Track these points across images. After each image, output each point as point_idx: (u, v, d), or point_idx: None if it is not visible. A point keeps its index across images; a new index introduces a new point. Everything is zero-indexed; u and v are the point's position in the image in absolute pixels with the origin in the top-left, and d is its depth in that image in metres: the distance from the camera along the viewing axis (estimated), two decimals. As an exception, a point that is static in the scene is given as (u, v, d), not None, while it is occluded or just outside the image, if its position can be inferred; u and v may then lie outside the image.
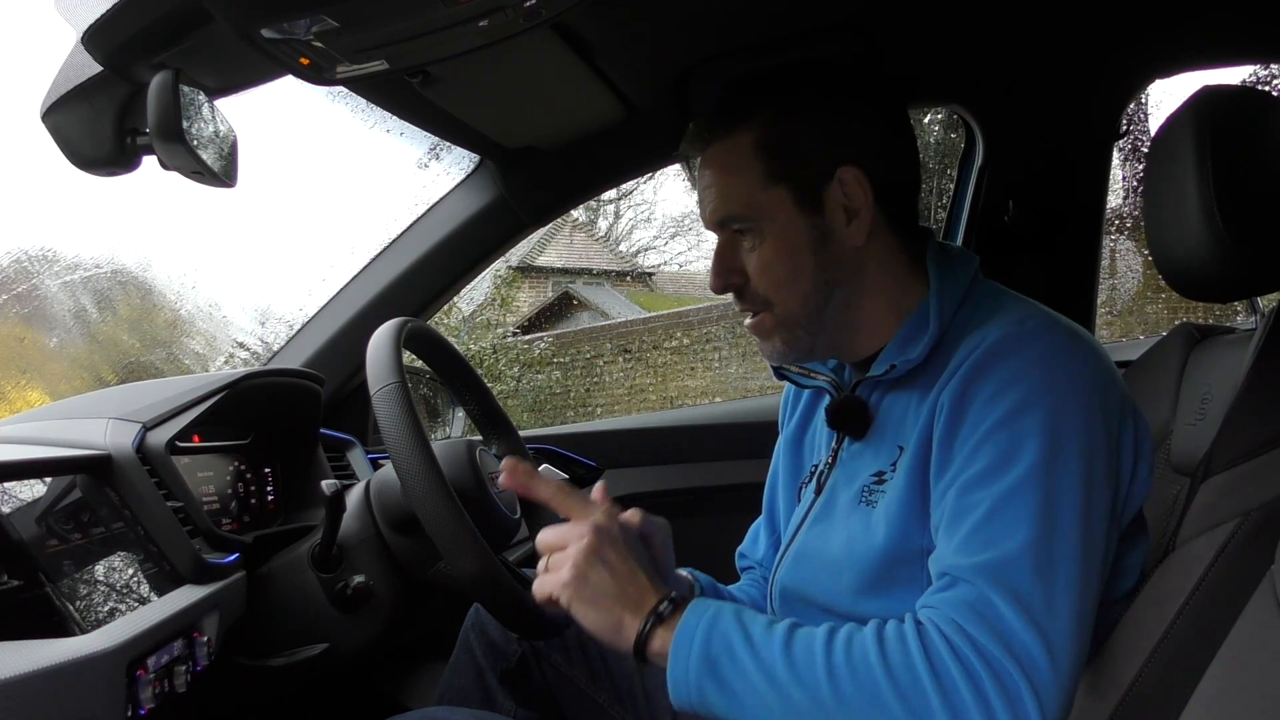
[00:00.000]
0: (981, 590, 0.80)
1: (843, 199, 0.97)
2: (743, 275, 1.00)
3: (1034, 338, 0.89)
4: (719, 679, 0.83)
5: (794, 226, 0.97)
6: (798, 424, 1.17)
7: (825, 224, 0.98)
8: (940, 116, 5.26)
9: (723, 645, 0.84)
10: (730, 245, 1.00)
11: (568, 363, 9.01)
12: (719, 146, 0.99)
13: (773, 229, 0.97)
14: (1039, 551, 0.81)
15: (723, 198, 0.99)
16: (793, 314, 0.99)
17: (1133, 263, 5.73)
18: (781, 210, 0.97)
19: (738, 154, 0.98)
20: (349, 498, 1.27)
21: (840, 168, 0.97)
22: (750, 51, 1.41)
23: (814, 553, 1.02)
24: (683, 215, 15.16)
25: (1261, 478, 0.84)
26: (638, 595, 0.87)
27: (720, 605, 0.87)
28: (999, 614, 0.79)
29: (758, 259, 0.98)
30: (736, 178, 0.98)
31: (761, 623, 0.86)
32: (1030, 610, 0.79)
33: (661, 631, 0.86)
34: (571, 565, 0.87)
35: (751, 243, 0.99)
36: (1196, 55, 1.57)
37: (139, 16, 0.93)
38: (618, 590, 0.87)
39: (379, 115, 1.51)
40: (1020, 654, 0.78)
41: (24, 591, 0.89)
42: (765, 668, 0.82)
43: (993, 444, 0.85)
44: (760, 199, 0.97)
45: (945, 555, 0.85)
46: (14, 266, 4.22)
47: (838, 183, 0.97)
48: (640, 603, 0.87)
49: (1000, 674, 0.77)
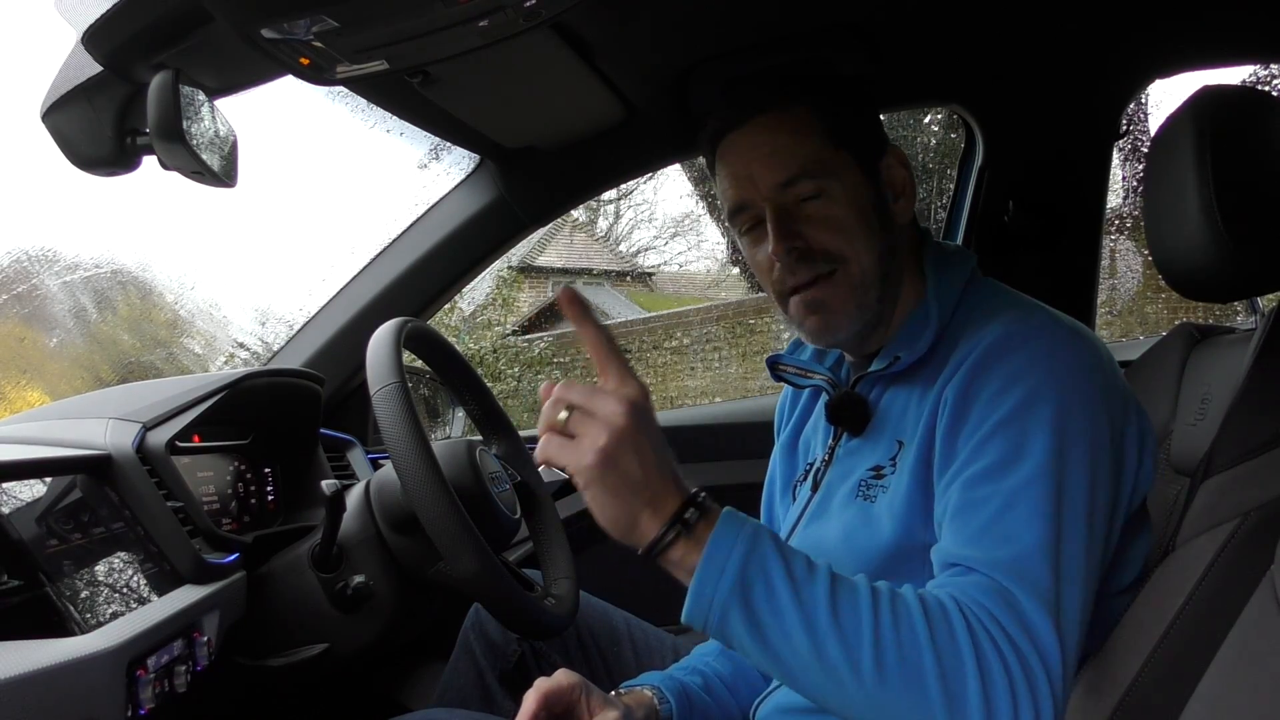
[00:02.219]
0: (1002, 583, 0.80)
1: (889, 176, 1.01)
2: (804, 240, 0.98)
3: (1037, 333, 0.90)
4: (749, 608, 0.76)
5: (861, 188, 0.99)
6: (794, 426, 1.17)
7: (882, 193, 1.01)
8: (940, 116, 5.25)
9: (759, 572, 0.77)
10: (789, 211, 0.98)
11: (568, 363, 9.00)
12: (774, 115, 0.99)
13: (840, 189, 0.98)
14: (1052, 547, 0.81)
15: (790, 155, 0.97)
16: (869, 272, 0.98)
17: (1133, 263, 5.72)
18: (849, 172, 0.99)
19: (798, 119, 0.98)
20: (349, 498, 1.27)
21: (889, 146, 1.02)
22: (750, 51, 1.41)
23: (811, 549, 1.01)
24: (683, 215, 15.15)
25: (1261, 478, 0.84)
26: (662, 493, 0.78)
27: (758, 525, 0.80)
28: (1024, 607, 0.79)
29: (827, 218, 0.97)
30: (801, 139, 0.98)
31: (801, 559, 0.79)
32: (1048, 605, 0.79)
33: (685, 542, 0.77)
34: (602, 447, 0.75)
35: (816, 206, 0.98)
36: (1196, 55, 1.57)
37: (139, 16, 0.93)
38: (642, 484, 0.76)
39: (379, 115, 1.51)
40: (1041, 646, 0.78)
41: (24, 591, 0.89)
42: (805, 610, 0.76)
43: (1000, 439, 0.85)
44: (829, 159, 0.98)
45: (953, 547, 0.85)
46: (14, 266, 4.22)
47: (888, 159, 1.02)
48: (663, 503, 0.78)
49: (1026, 664, 0.77)
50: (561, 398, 0.78)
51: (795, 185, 0.97)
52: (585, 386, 0.78)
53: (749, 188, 0.99)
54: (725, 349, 8.26)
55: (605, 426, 0.75)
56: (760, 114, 0.99)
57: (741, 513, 0.81)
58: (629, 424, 0.75)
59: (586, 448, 0.75)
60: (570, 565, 1.34)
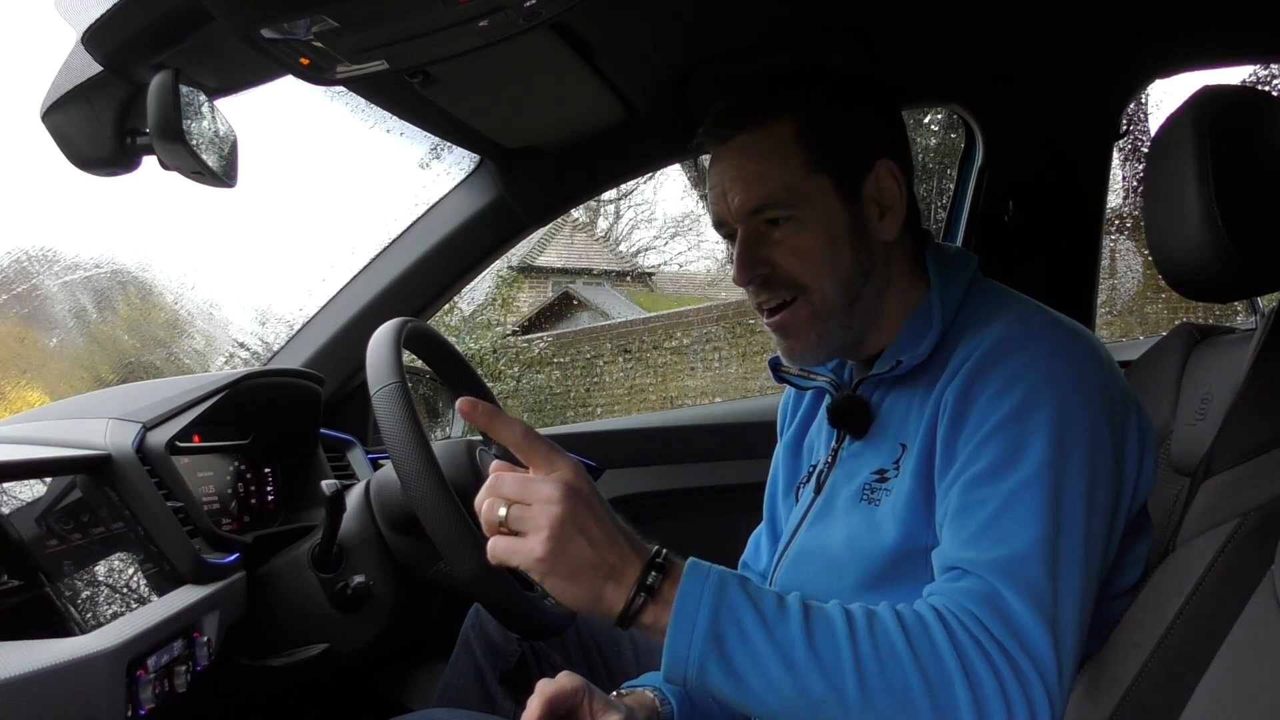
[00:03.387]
0: (994, 585, 0.80)
1: (875, 192, 0.99)
2: (770, 265, 0.98)
3: (1036, 335, 0.90)
4: (725, 659, 0.77)
5: (834, 214, 0.97)
6: (797, 428, 1.17)
7: (861, 215, 0.98)
8: (940, 116, 5.25)
9: (731, 621, 0.77)
10: (758, 235, 0.98)
11: (568, 363, 9.00)
12: (752, 135, 0.98)
13: (812, 216, 0.96)
14: (1049, 548, 0.81)
15: (760, 184, 0.97)
16: (830, 301, 0.98)
17: (1133, 263, 5.72)
18: (823, 198, 0.97)
19: (777, 141, 0.97)
20: (349, 498, 1.27)
21: (878, 160, 0.99)
22: (750, 51, 1.41)
23: (814, 552, 1.02)
24: (683, 215, 15.15)
25: (1261, 478, 0.84)
26: (619, 563, 0.78)
27: (723, 573, 0.80)
28: (1013, 609, 0.79)
29: (794, 246, 0.97)
30: (776, 164, 0.97)
31: (771, 598, 0.80)
32: (1041, 606, 0.79)
33: (653, 606, 0.78)
34: (546, 537, 0.76)
35: (785, 231, 0.97)
36: (1196, 55, 1.57)
37: (139, 16, 0.93)
38: (596, 560, 0.77)
39: (379, 115, 1.51)
40: (1032, 649, 0.78)
41: (24, 591, 0.89)
42: (781, 650, 0.77)
43: (999, 440, 0.85)
44: (802, 185, 0.96)
45: (951, 550, 0.85)
46: (14, 266, 4.22)
47: (874, 175, 0.99)
48: (622, 573, 0.78)
49: (1017, 668, 0.77)
50: (496, 495, 0.78)
51: (764, 212, 0.97)
52: (516, 477, 0.79)
53: (723, 207, 1.00)
54: (725, 349, 8.25)
55: (544, 516, 0.76)
56: (740, 132, 0.98)
57: (705, 562, 0.81)
58: (567, 508, 0.76)
59: (533, 542, 0.76)
60: (570, 565, 1.34)
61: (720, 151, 1.00)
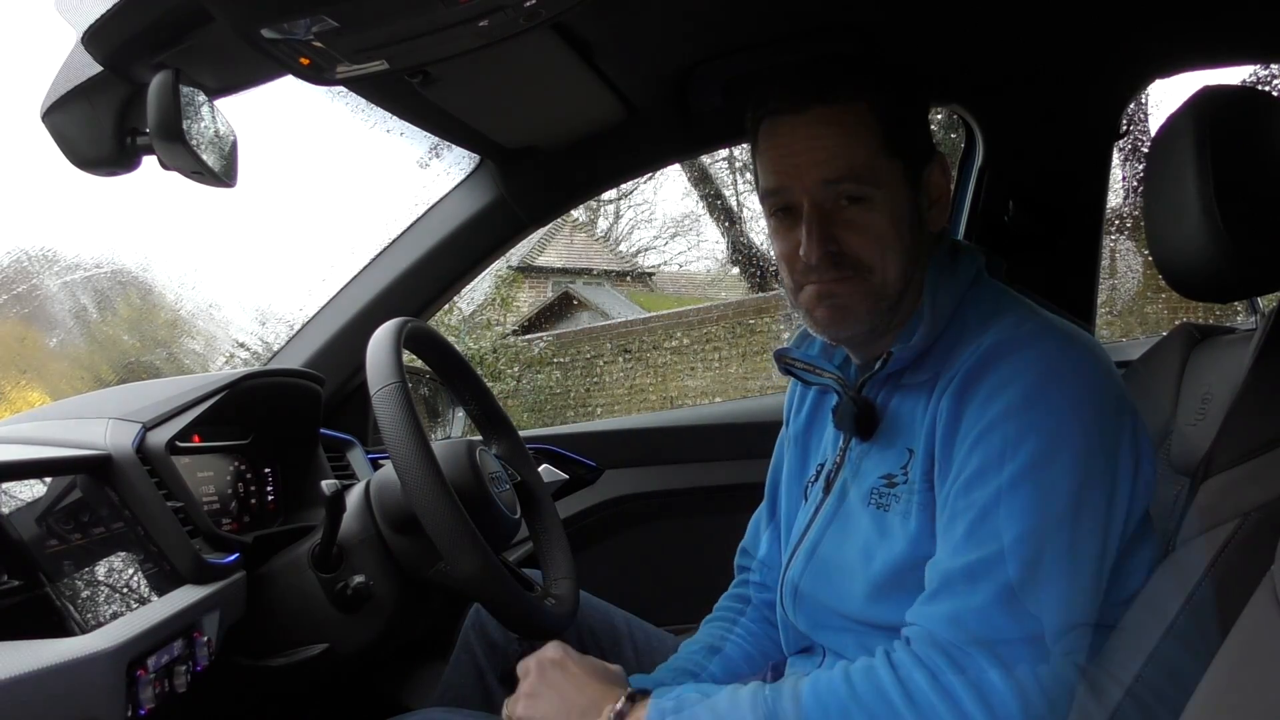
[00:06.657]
0: (965, 591, 0.82)
1: (928, 185, 1.00)
2: (837, 243, 0.96)
3: (1028, 341, 0.90)
4: None
5: (901, 199, 0.98)
6: (804, 420, 1.17)
7: (919, 205, 1.00)
8: (940, 116, 5.25)
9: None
10: (828, 212, 0.96)
11: (568, 363, 9.00)
12: (837, 108, 0.96)
13: (884, 198, 0.96)
14: (1029, 545, 0.82)
15: (844, 155, 0.95)
16: (890, 285, 0.98)
17: (1133, 263, 5.72)
18: (894, 182, 0.97)
19: (860, 118, 0.96)
20: (349, 498, 1.27)
21: (936, 154, 1.01)
22: (750, 51, 1.41)
23: (829, 557, 1.02)
24: (683, 215, 15.13)
25: (1261, 478, 0.84)
26: (591, 703, 0.95)
27: (680, 693, 0.92)
28: (979, 610, 0.81)
29: (865, 225, 0.96)
30: (858, 141, 0.96)
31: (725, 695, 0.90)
32: (1014, 600, 0.81)
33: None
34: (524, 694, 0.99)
35: (858, 210, 0.96)
36: (1196, 55, 1.57)
37: (139, 16, 0.93)
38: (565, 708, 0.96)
39: (379, 115, 1.51)
40: (998, 643, 0.80)
41: (24, 591, 0.89)
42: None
43: (985, 445, 0.86)
44: (880, 165, 0.96)
45: (941, 559, 0.87)
46: (14, 266, 4.22)
47: (932, 167, 1.01)
48: (594, 710, 0.94)
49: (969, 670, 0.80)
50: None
51: (840, 186, 0.96)
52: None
53: (792, 176, 0.97)
54: (725, 349, 8.25)
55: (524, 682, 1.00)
56: (821, 104, 0.96)
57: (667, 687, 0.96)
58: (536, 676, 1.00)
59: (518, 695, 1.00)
60: (570, 565, 1.34)
61: (793, 121, 0.98)
